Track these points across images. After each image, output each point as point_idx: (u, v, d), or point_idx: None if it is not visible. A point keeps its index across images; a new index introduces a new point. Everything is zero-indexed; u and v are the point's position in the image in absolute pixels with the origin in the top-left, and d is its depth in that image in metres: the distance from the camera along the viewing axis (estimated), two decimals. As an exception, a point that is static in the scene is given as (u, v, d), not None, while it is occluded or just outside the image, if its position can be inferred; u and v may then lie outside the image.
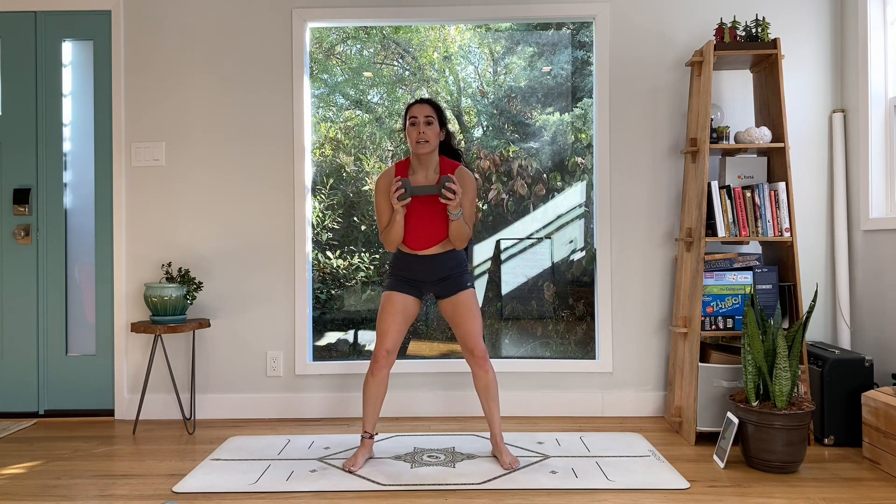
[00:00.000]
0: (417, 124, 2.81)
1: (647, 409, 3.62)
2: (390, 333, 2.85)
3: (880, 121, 3.33)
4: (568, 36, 3.81)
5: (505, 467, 2.78)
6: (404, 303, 2.87)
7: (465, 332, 2.86)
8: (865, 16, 3.35)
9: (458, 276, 2.89)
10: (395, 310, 2.86)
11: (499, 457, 2.86)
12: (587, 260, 3.78)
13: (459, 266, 2.91)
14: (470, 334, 2.86)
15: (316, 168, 3.82)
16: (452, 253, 2.89)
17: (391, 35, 3.83)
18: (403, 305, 2.87)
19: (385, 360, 2.85)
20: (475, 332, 2.86)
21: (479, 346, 2.86)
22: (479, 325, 2.89)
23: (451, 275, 2.88)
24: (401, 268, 2.90)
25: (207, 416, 3.66)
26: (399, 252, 2.91)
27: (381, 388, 2.87)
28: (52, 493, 2.59)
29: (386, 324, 2.85)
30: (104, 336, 3.69)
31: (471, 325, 2.86)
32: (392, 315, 2.86)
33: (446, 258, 2.87)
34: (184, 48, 3.67)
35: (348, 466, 2.79)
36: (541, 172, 3.80)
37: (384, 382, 2.87)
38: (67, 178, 3.75)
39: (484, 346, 2.89)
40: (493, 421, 2.89)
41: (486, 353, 2.88)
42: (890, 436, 2.71)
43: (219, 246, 3.68)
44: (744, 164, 3.32)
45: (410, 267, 2.88)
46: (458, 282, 2.88)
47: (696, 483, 2.62)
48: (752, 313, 2.79)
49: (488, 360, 2.88)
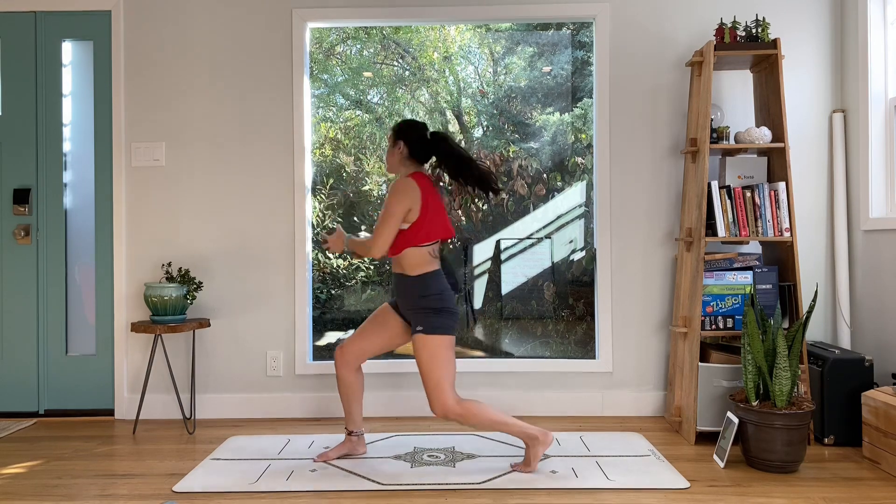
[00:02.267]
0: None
1: (647, 409, 3.62)
2: (356, 335, 2.86)
3: (880, 121, 3.33)
4: (568, 36, 3.81)
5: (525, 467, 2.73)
6: (385, 314, 2.86)
7: (423, 382, 2.69)
8: (865, 16, 3.35)
9: (414, 313, 2.72)
10: (375, 316, 2.88)
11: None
12: (587, 260, 3.78)
13: (415, 300, 2.70)
14: (425, 385, 2.67)
15: (316, 168, 3.82)
16: (406, 281, 2.73)
17: (391, 35, 3.83)
18: (384, 316, 2.85)
19: (340, 359, 2.85)
20: (426, 384, 2.65)
21: (431, 399, 2.64)
22: (433, 379, 2.62)
23: (409, 308, 2.74)
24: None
25: (207, 415, 3.66)
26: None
27: (343, 388, 2.87)
28: (52, 493, 2.59)
29: (359, 327, 2.89)
30: (104, 336, 3.69)
31: (424, 376, 2.66)
32: (368, 320, 2.89)
33: (401, 283, 2.75)
34: (184, 48, 3.67)
35: (320, 457, 2.86)
36: (541, 172, 3.80)
37: (344, 382, 2.86)
38: (67, 178, 3.75)
39: (441, 401, 2.62)
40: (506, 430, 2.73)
41: (443, 410, 2.62)
42: (890, 435, 2.71)
43: (219, 246, 3.68)
44: (744, 164, 3.32)
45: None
46: (414, 320, 2.72)
47: (696, 483, 2.62)
48: (752, 313, 2.79)
49: (447, 416, 2.63)
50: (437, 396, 2.63)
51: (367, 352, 2.87)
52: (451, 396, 2.64)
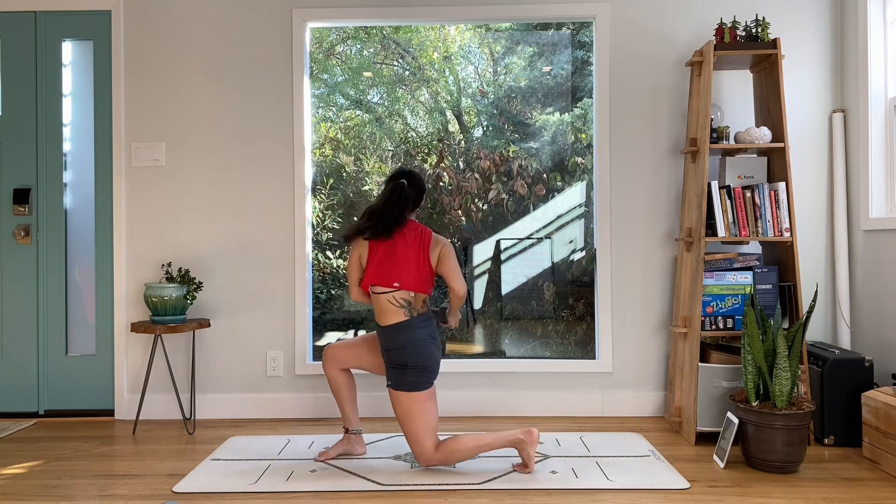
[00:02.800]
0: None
1: (647, 409, 3.62)
2: (348, 343, 2.92)
3: (880, 121, 3.33)
4: (568, 36, 3.81)
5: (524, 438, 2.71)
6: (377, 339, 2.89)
7: (405, 434, 2.74)
8: (865, 16, 3.35)
9: (386, 364, 2.75)
10: (372, 336, 2.92)
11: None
12: (587, 260, 3.78)
13: (387, 352, 2.73)
14: (406, 436, 2.72)
15: (316, 168, 3.82)
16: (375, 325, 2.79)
17: (391, 35, 3.83)
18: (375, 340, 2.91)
19: (325, 357, 2.91)
20: (407, 435, 2.70)
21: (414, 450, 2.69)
22: (413, 430, 2.66)
23: (384, 360, 2.76)
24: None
25: (207, 416, 3.66)
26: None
27: (332, 386, 2.93)
28: (52, 493, 2.59)
29: (354, 338, 2.95)
30: (104, 336, 3.69)
31: (400, 425, 2.72)
32: (367, 336, 2.94)
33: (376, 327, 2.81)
34: (184, 48, 3.67)
35: (320, 456, 2.88)
36: (541, 172, 3.80)
37: (331, 380, 2.92)
38: (67, 178, 3.75)
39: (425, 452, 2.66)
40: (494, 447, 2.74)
41: (428, 459, 2.67)
42: (890, 436, 2.71)
43: (219, 246, 3.68)
44: (744, 164, 3.32)
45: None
46: (386, 371, 2.76)
47: (696, 483, 2.62)
48: (752, 313, 2.79)
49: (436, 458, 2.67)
50: (416, 450, 2.70)
51: (350, 364, 2.91)
52: (429, 447, 2.68)
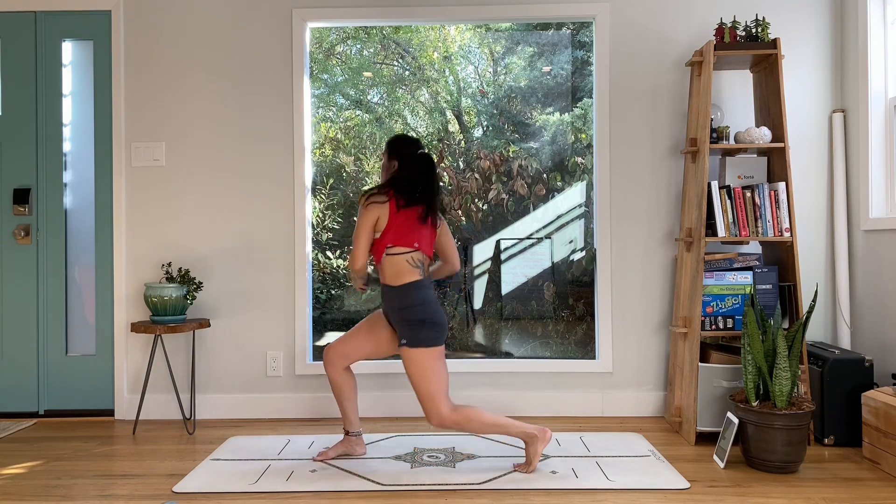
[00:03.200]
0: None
1: (647, 409, 3.62)
2: (348, 339, 2.88)
3: (880, 121, 3.33)
4: (568, 36, 3.81)
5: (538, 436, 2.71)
6: (376, 322, 2.88)
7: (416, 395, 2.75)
8: (865, 16, 3.35)
9: (398, 324, 2.73)
10: (366, 321, 2.90)
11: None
12: (587, 260, 3.78)
13: (397, 311, 2.71)
14: (418, 396, 2.70)
15: (316, 168, 3.82)
16: (384, 287, 2.77)
17: (391, 35, 3.83)
18: (375, 324, 2.88)
19: (326, 359, 2.89)
20: (418, 395, 2.69)
21: (425, 409, 2.67)
22: (424, 390, 2.64)
23: (394, 320, 2.76)
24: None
25: (207, 416, 3.66)
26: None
27: (333, 388, 2.90)
28: (52, 493, 2.59)
29: (351, 330, 2.90)
30: (104, 336, 3.69)
31: (413, 387, 2.71)
32: (360, 323, 2.91)
33: (383, 290, 2.79)
34: (184, 48, 3.67)
35: (319, 456, 2.88)
36: (541, 172, 3.80)
37: (332, 382, 2.89)
38: (67, 178, 3.75)
39: (436, 411, 2.64)
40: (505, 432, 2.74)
41: (439, 420, 2.64)
42: (890, 436, 2.71)
43: (219, 246, 3.68)
44: (744, 164, 3.32)
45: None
46: (399, 331, 2.74)
47: (696, 483, 2.62)
48: (752, 313, 2.79)
49: (443, 425, 2.66)
50: (431, 408, 2.65)
51: (352, 356, 2.88)
52: (445, 406, 2.64)
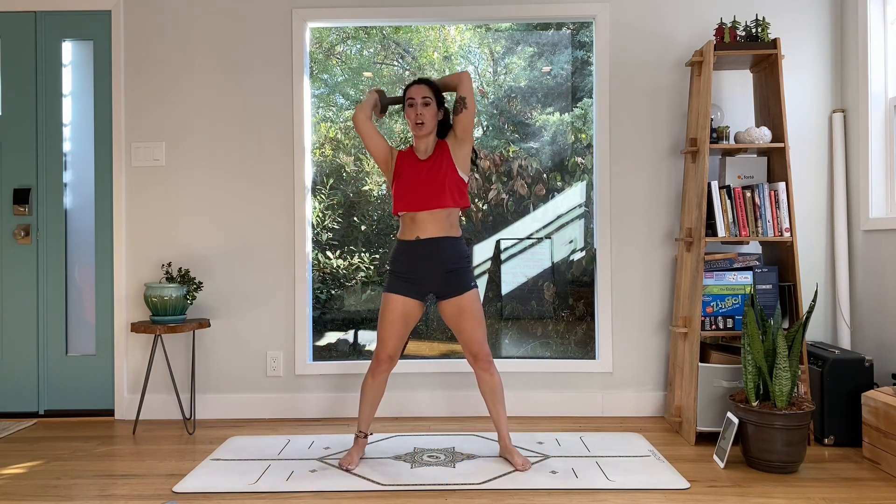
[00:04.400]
0: (415, 105, 2.80)
1: (647, 409, 3.62)
2: (391, 340, 2.81)
3: (880, 121, 3.33)
4: (568, 36, 3.81)
5: (518, 468, 2.75)
6: (404, 307, 2.80)
7: (469, 338, 2.80)
8: (865, 16, 3.35)
9: (459, 272, 2.78)
10: (395, 316, 2.80)
11: (509, 458, 2.83)
12: (587, 260, 3.78)
13: (461, 259, 2.80)
14: (473, 340, 2.80)
15: (316, 168, 3.82)
16: (453, 242, 2.79)
17: (391, 35, 3.83)
18: (403, 311, 2.80)
19: (387, 365, 2.84)
20: (479, 338, 2.80)
21: (482, 351, 2.81)
22: (484, 329, 2.83)
23: (453, 269, 2.77)
24: (401, 263, 2.81)
25: (207, 416, 3.66)
26: (399, 242, 2.84)
27: (379, 390, 2.87)
28: (52, 493, 2.59)
29: (385, 331, 2.81)
30: (104, 336, 3.69)
31: (474, 331, 2.79)
32: (391, 322, 2.80)
33: (446, 245, 2.77)
34: (184, 48, 3.67)
35: (345, 465, 2.79)
36: (541, 172, 3.80)
37: (383, 385, 2.87)
38: (67, 178, 3.75)
39: (488, 349, 2.83)
40: (501, 423, 2.86)
41: (490, 356, 2.83)
42: (890, 436, 2.71)
43: (219, 246, 3.68)
44: (744, 164, 3.32)
45: (410, 259, 2.79)
46: (460, 280, 2.78)
47: (696, 483, 2.62)
48: (752, 313, 2.79)
49: (493, 363, 2.84)
50: (482, 352, 2.81)
51: (400, 348, 2.88)
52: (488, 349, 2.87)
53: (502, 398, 2.86)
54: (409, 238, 2.80)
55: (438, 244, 2.77)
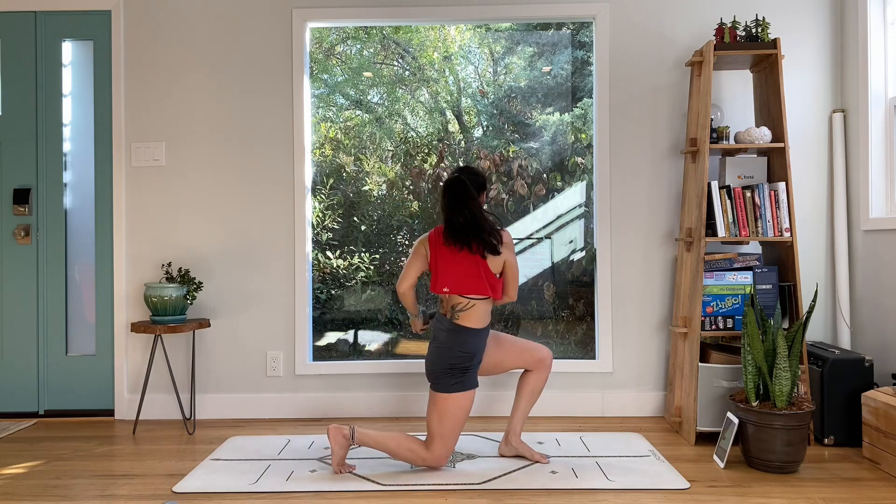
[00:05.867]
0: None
1: (647, 409, 3.62)
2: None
3: (880, 121, 3.33)
4: (568, 36, 3.81)
5: (541, 460, 2.83)
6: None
7: (527, 348, 2.90)
8: (865, 16, 3.35)
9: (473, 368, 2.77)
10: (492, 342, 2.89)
11: (525, 454, 2.88)
12: (587, 260, 3.78)
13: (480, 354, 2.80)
14: (531, 349, 2.92)
15: (316, 168, 3.82)
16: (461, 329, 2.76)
17: (391, 35, 3.83)
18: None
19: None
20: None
21: (546, 354, 2.92)
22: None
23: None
24: (476, 349, 2.75)
25: (207, 416, 3.66)
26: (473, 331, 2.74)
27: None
28: (52, 493, 2.59)
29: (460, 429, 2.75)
30: (104, 336, 3.69)
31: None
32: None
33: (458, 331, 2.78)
34: (184, 48, 3.67)
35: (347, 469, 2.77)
36: (541, 172, 3.80)
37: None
38: (67, 178, 3.75)
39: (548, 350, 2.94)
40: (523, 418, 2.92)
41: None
42: (890, 436, 2.71)
43: (219, 246, 3.68)
44: (744, 164, 3.32)
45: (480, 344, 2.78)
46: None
47: (696, 483, 2.62)
48: (752, 313, 2.79)
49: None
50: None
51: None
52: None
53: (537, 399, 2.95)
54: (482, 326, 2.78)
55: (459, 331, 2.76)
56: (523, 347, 2.88)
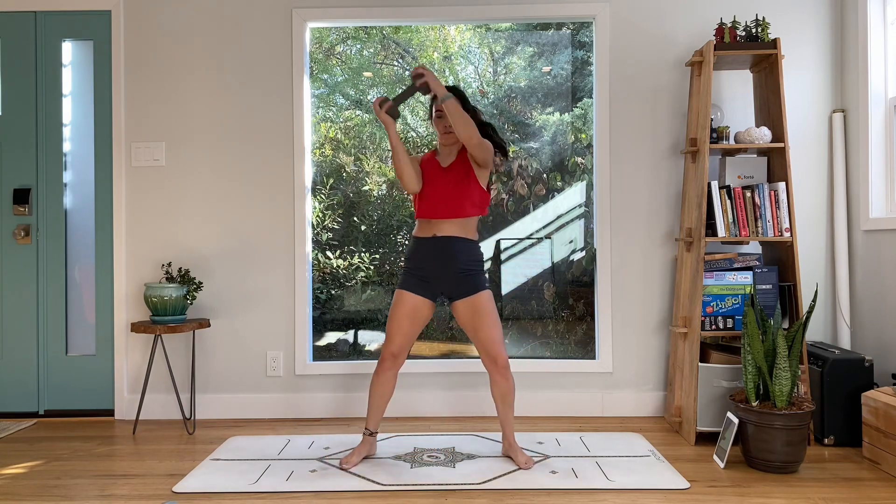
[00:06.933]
0: (444, 116, 2.82)
1: (647, 409, 3.62)
2: (397, 336, 2.82)
3: (880, 121, 3.33)
4: (568, 36, 3.81)
5: (521, 466, 2.78)
6: (413, 304, 2.82)
7: (486, 337, 2.78)
8: (865, 16, 3.35)
9: (473, 273, 2.81)
10: (404, 312, 2.82)
11: (513, 457, 2.85)
12: (587, 260, 3.78)
13: (475, 262, 2.82)
14: (490, 339, 2.78)
15: (316, 168, 3.82)
16: (469, 244, 2.81)
17: (391, 35, 3.83)
18: (413, 308, 2.82)
19: (391, 363, 2.84)
20: (496, 337, 2.78)
21: (501, 355, 2.80)
22: (500, 330, 2.81)
23: (466, 270, 2.80)
24: (415, 260, 2.84)
25: (207, 416, 3.66)
26: (414, 240, 2.86)
27: (385, 387, 2.87)
28: (52, 493, 2.60)
29: (393, 326, 2.82)
30: (104, 336, 3.69)
31: (490, 330, 2.78)
32: (400, 318, 2.82)
33: (462, 245, 2.80)
34: (184, 48, 3.67)
35: (343, 464, 2.80)
36: (541, 172, 3.80)
37: (390, 383, 2.87)
38: (67, 178, 3.75)
39: (506, 353, 2.82)
40: (508, 424, 2.88)
41: (508, 361, 2.81)
42: (890, 436, 2.71)
43: (219, 246, 3.68)
44: (744, 164, 3.32)
45: (424, 257, 2.81)
46: (473, 281, 2.80)
47: (696, 483, 2.62)
48: (752, 313, 2.79)
49: (509, 367, 2.83)
50: (500, 352, 2.79)
51: (407, 346, 2.87)
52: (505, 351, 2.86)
53: (512, 402, 2.86)
54: (426, 235, 2.83)
55: (454, 243, 2.79)
56: (489, 339, 2.78)
